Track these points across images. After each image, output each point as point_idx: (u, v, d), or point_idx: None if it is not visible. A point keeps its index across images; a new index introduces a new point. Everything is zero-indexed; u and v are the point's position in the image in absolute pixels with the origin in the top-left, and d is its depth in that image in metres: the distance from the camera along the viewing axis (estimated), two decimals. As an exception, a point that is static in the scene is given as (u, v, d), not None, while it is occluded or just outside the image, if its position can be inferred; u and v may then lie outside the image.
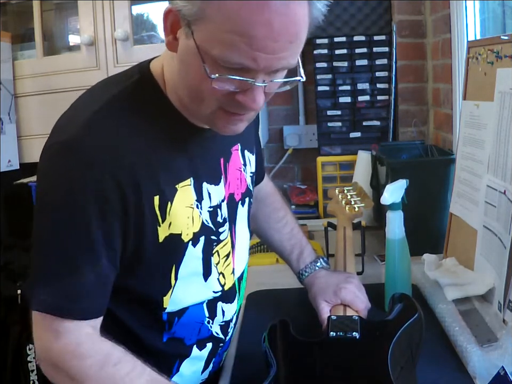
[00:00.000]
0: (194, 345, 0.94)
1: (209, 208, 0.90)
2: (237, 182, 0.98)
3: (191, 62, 0.71)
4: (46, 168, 0.78)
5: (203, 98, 0.74)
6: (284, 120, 2.27)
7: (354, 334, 0.91)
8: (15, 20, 2.14)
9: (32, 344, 1.86)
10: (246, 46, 0.65)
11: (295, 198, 2.14)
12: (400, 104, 2.03)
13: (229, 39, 0.65)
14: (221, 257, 0.94)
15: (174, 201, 0.82)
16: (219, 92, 0.71)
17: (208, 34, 0.66)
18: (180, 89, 0.78)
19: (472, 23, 1.61)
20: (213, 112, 0.76)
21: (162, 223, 0.81)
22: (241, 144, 1.00)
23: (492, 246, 1.11)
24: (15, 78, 1.99)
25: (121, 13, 1.92)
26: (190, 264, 0.87)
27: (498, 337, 0.97)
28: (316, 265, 1.13)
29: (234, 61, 0.67)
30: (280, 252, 1.19)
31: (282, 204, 1.23)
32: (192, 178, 0.85)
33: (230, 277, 0.97)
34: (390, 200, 1.12)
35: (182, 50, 0.72)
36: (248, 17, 0.64)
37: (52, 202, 0.76)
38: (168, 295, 0.87)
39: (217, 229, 0.92)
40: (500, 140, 1.11)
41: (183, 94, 0.78)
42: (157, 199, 0.79)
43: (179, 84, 0.78)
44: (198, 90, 0.73)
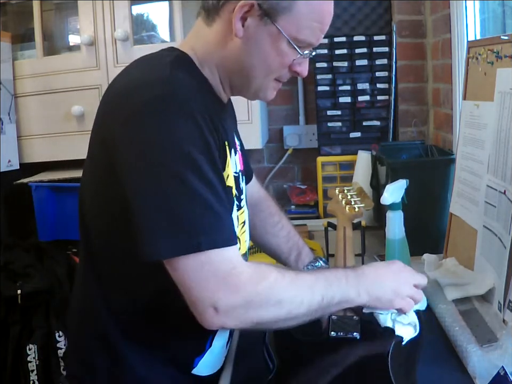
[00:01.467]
0: None
1: (235, 173, 0.98)
2: (240, 162, 1.06)
3: (271, 44, 0.87)
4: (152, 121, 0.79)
5: (270, 71, 0.90)
6: (284, 120, 2.27)
7: (355, 334, 0.91)
8: (15, 20, 2.14)
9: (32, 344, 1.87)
10: (319, 31, 0.89)
11: (295, 198, 2.14)
12: (400, 104, 2.03)
13: (311, 26, 0.87)
14: (239, 222, 1.00)
15: (228, 156, 0.93)
16: (285, 65, 0.90)
17: (296, 22, 0.86)
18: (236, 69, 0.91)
19: (472, 23, 1.61)
20: (270, 83, 0.93)
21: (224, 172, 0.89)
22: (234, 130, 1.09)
23: (492, 246, 1.11)
24: (15, 78, 1.99)
25: (121, 13, 1.92)
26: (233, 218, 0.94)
27: (498, 337, 0.97)
28: (315, 264, 1.14)
29: (309, 42, 0.89)
30: (278, 255, 1.20)
31: (276, 209, 1.25)
32: (227, 141, 0.93)
33: (244, 244, 1.04)
34: (390, 200, 1.12)
35: (254, 35, 0.87)
36: (324, 9, 0.88)
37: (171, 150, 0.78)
38: None
39: (240, 196, 1.00)
40: (500, 140, 1.11)
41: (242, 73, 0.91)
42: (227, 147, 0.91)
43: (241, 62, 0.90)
44: (270, 64, 0.89)
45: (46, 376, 1.88)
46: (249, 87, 0.94)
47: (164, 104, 0.79)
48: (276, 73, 0.91)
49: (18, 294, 1.86)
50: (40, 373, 1.88)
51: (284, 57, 0.89)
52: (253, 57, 0.89)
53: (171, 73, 0.83)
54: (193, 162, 0.77)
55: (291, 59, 0.89)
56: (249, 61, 0.90)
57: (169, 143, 0.78)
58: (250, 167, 1.25)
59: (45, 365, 1.88)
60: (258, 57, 0.89)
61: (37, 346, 1.88)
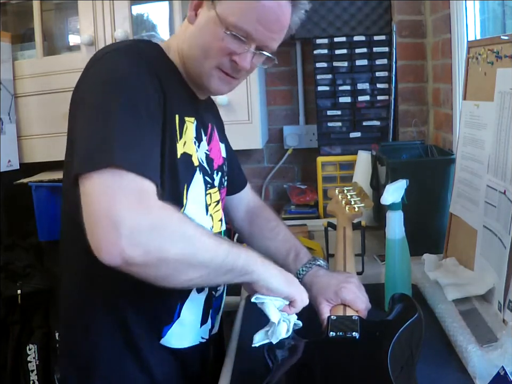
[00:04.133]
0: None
1: (207, 151, 1.03)
2: (218, 153, 1.10)
3: (208, 27, 0.93)
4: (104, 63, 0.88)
5: (208, 56, 0.94)
6: (284, 120, 2.28)
7: (354, 334, 0.91)
8: (15, 20, 2.14)
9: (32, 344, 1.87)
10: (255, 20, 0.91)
11: (295, 198, 2.14)
12: (400, 104, 2.03)
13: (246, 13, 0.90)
14: (212, 201, 1.04)
15: (186, 127, 0.96)
16: (223, 51, 0.93)
17: (229, 6, 0.91)
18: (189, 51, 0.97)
19: (472, 23, 1.61)
20: (211, 70, 0.95)
21: (180, 140, 0.93)
22: (216, 127, 1.13)
23: (492, 246, 1.11)
24: (15, 78, 1.99)
25: (121, 13, 1.92)
26: (196, 189, 0.98)
27: (498, 337, 0.97)
28: (314, 263, 1.13)
29: (243, 28, 0.91)
30: (276, 257, 1.18)
31: (273, 215, 1.27)
32: (195, 118, 1.00)
33: (218, 224, 1.07)
34: (390, 200, 1.12)
35: (201, 20, 0.95)
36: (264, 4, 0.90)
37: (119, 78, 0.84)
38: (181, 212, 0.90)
39: (212, 174, 1.04)
40: (500, 140, 1.11)
41: (191, 55, 0.97)
42: (177, 117, 0.93)
43: (190, 46, 0.97)
44: (208, 48, 0.94)
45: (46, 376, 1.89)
46: (195, 72, 0.98)
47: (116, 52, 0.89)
48: (215, 58, 0.94)
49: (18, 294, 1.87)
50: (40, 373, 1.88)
51: (220, 42, 0.92)
52: (196, 40, 0.95)
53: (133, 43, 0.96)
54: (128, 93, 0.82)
55: (229, 46, 0.92)
56: (194, 44, 0.96)
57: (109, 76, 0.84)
58: (241, 175, 1.30)
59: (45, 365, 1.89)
60: (200, 40, 0.95)
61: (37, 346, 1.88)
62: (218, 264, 0.81)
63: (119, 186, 0.73)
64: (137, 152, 0.77)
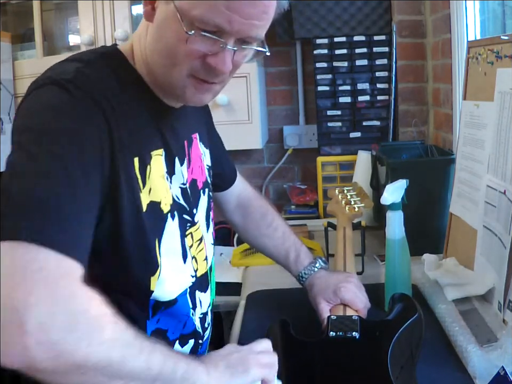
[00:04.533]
0: (177, 341, 0.90)
1: (182, 185, 0.89)
2: (199, 170, 0.98)
3: (169, 25, 0.75)
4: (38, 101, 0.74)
5: (176, 63, 0.77)
6: (284, 120, 2.27)
7: (354, 334, 0.91)
8: (15, 20, 2.14)
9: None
10: (224, 8, 0.71)
11: (295, 198, 2.14)
12: (400, 104, 2.03)
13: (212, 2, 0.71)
14: (194, 241, 0.92)
15: (151, 166, 0.81)
16: (192, 55, 0.75)
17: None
18: (152, 57, 0.80)
19: (472, 23, 1.61)
20: (183, 79, 0.78)
21: (143, 189, 0.79)
22: (199, 134, 1.00)
23: (492, 246, 1.11)
24: (15, 78, 1.99)
25: (121, 13, 1.92)
26: (170, 240, 0.84)
27: (498, 337, 0.97)
28: (315, 266, 1.12)
29: (211, 21, 0.72)
30: (276, 257, 1.17)
31: (268, 207, 1.20)
32: (164, 150, 0.85)
33: (203, 264, 0.95)
34: (390, 200, 1.12)
35: (159, 17, 0.77)
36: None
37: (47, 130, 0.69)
38: (156, 276, 0.81)
39: (191, 210, 0.91)
40: (500, 140, 1.11)
41: (155, 62, 0.80)
42: (136, 160, 0.78)
43: (152, 51, 0.80)
44: (173, 53, 0.76)
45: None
46: (164, 83, 0.82)
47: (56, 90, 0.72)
48: (183, 64, 0.77)
49: (18, 294, 1.86)
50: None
51: (179, 39, 0.74)
52: (158, 43, 0.78)
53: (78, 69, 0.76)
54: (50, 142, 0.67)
55: (198, 47, 0.75)
56: (157, 47, 0.79)
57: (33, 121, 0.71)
58: (231, 168, 1.19)
59: (45, 365, 1.88)
60: (161, 44, 0.77)
61: (37, 346, 1.88)
62: (151, 376, 0.64)
63: (33, 267, 0.57)
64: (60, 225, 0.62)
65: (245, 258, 1.61)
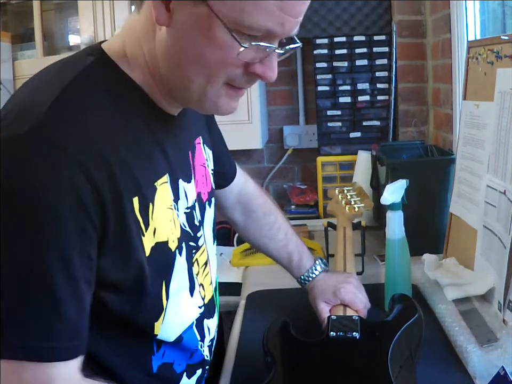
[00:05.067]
0: (184, 373, 0.84)
1: (186, 209, 0.80)
2: (203, 180, 0.89)
3: (203, 33, 0.64)
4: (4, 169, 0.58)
5: (212, 73, 0.66)
6: (284, 120, 2.27)
7: (354, 334, 0.91)
8: (15, 20, 2.14)
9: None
10: (278, 10, 0.62)
11: (295, 198, 2.14)
12: (400, 104, 2.03)
13: (260, 4, 0.61)
14: (200, 266, 0.84)
15: (155, 202, 0.71)
16: (235, 65, 0.66)
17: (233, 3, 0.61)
18: (167, 68, 0.69)
19: (472, 23, 1.61)
20: (218, 89, 0.68)
21: (146, 231, 0.69)
22: (202, 137, 0.91)
23: (492, 246, 1.11)
24: (15, 78, 2.00)
25: (121, 13, 1.92)
26: (179, 277, 0.76)
27: (498, 337, 0.97)
28: (316, 269, 1.12)
29: (263, 27, 0.63)
30: (278, 260, 1.15)
31: (270, 205, 1.15)
32: (168, 174, 0.75)
33: (209, 288, 0.88)
34: (390, 200, 1.12)
35: (184, 21, 0.64)
36: None
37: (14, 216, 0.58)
38: (160, 320, 0.75)
39: (195, 234, 0.83)
40: (500, 140, 1.11)
41: (175, 73, 0.69)
42: (136, 201, 0.67)
43: (169, 62, 0.68)
44: (210, 64, 0.65)
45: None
46: (190, 94, 0.70)
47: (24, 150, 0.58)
48: (222, 74, 0.66)
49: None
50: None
51: (224, 49, 0.64)
52: (184, 51, 0.66)
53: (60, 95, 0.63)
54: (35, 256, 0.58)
55: (247, 56, 0.65)
56: (180, 56, 0.66)
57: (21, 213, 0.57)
58: (231, 164, 1.11)
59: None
60: (191, 51, 0.65)
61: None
62: None
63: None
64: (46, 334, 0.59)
65: (245, 258, 1.61)
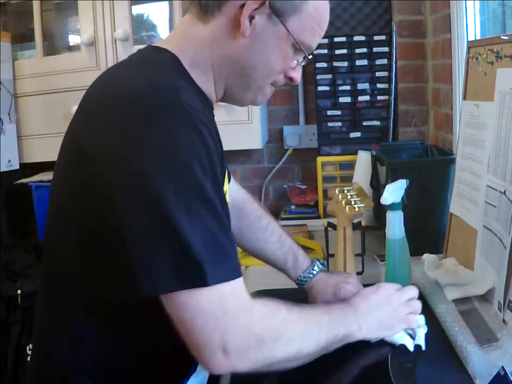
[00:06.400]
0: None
1: None
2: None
3: (277, 46, 0.85)
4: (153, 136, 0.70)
5: (269, 76, 0.88)
6: (284, 120, 2.27)
7: (354, 334, 0.91)
8: (15, 20, 2.14)
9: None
10: (318, 35, 0.88)
11: (295, 198, 2.14)
12: (400, 104, 2.03)
13: (315, 29, 0.86)
14: None
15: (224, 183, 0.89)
16: (287, 68, 0.87)
17: (302, 24, 0.84)
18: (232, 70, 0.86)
19: (472, 23, 1.61)
20: (266, 87, 0.89)
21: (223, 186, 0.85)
22: None
23: (492, 246, 1.11)
24: (15, 78, 1.99)
25: (121, 13, 1.92)
26: None
27: (498, 337, 0.97)
28: (313, 269, 1.12)
29: (309, 45, 0.87)
30: (274, 262, 1.16)
31: (262, 210, 1.20)
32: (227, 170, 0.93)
33: None
34: (390, 200, 1.12)
35: (263, 35, 0.83)
36: (325, 14, 0.87)
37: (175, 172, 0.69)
38: None
39: None
40: (500, 140, 1.11)
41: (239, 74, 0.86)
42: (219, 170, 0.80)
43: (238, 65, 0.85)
44: (273, 70, 0.87)
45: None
46: (246, 90, 0.89)
47: (168, 116, 0.71)
48: (275, 76, 0.88)
49: (18, 294, 1.86)
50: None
51: (287, 59, 0.87)
52: (256, 58, 0.85)
53: (175, 81, 0.77)
54: (199, 186, 0.70)
55: (292, 62, 0.87)
56: (252, 61, 0.85)
57: (173, 163, 0.69)
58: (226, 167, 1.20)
59: (45, 365, 1.88)
60: (262, 58, 0.85)
61: (37, 346, 1.88)
62: (322, 347, 0.81)
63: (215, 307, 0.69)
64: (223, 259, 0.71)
65: (245, 258, 1.60)
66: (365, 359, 0.87)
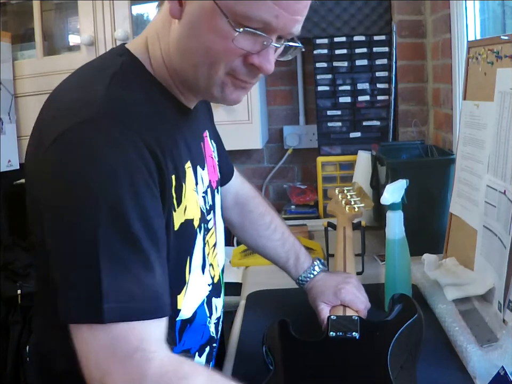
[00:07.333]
0: (196, 353, 0.90)
1: (203, 193, 0.87)
2: (212, 169, 0.95)
3: (207, 22, 0.70)
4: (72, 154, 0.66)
5: (215, 61, 0.73)
6: (284, 120, 2.27)
7: (354, 334, 0.91)
8: (15, 20, 2.14)
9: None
10: (272, 3, 0.68)
11: (295, 198, 2.14)
12: (400, 104, 2.03)
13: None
14: (210, 247, 0.90)
15: (186, 183, 0.78)
16: (235, 53, 0.71)
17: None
18: (181, 56, 0.75)
19: (472, 23, 1.61)
20: (222, 78, 0.74)
21: (178, 208, 0.76)
22: (208, 131, 0.97)
23: (492, 246, 1.11)
24: (15, 78, 1.99)
25: (121, 13, 1.92)
26: (197, 254, 0.84)
27: (498, 337, 0.97)
28: (314, 269, 1.12)
29: (258, 18, 0.68)
30: (276, 260, 1.16)
31: (266, 206, 1.17)
32: (189, 160, 0.81)
33: (217, 269, 0.95)
34: (390, 200, 1.12)
35: (192, 13, 0.71)
36: None
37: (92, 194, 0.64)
38: (182, 293, 0.81)
39: (206, 217, 0.89)
40: (500, 140, 1.11)
41: (185, 61, 0.75)
42: (173, 178, 0.74)
43: (182, 50, 0.75)
44: (213, 52, 0.72)
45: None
46: (197, 82, 0.76)
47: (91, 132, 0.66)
48: (223, 62, 0.72)
49: (18, 294, 1.86)
50: (40, 373, 1.88)
51: (223, 37, 0.70)
52: (191, 40, 0.73)
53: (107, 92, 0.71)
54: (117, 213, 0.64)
55: (243, 46, 0.71)
56: (189, 45, 0.73)
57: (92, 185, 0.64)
58: (229, 164, 1.14)
59: (45, 365, 1.88)
60: (196, 40, 0.72)
61: (37, 346, 1.88)
62: None
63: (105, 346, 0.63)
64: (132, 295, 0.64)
65: (245, 258, 1.61)
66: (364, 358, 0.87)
